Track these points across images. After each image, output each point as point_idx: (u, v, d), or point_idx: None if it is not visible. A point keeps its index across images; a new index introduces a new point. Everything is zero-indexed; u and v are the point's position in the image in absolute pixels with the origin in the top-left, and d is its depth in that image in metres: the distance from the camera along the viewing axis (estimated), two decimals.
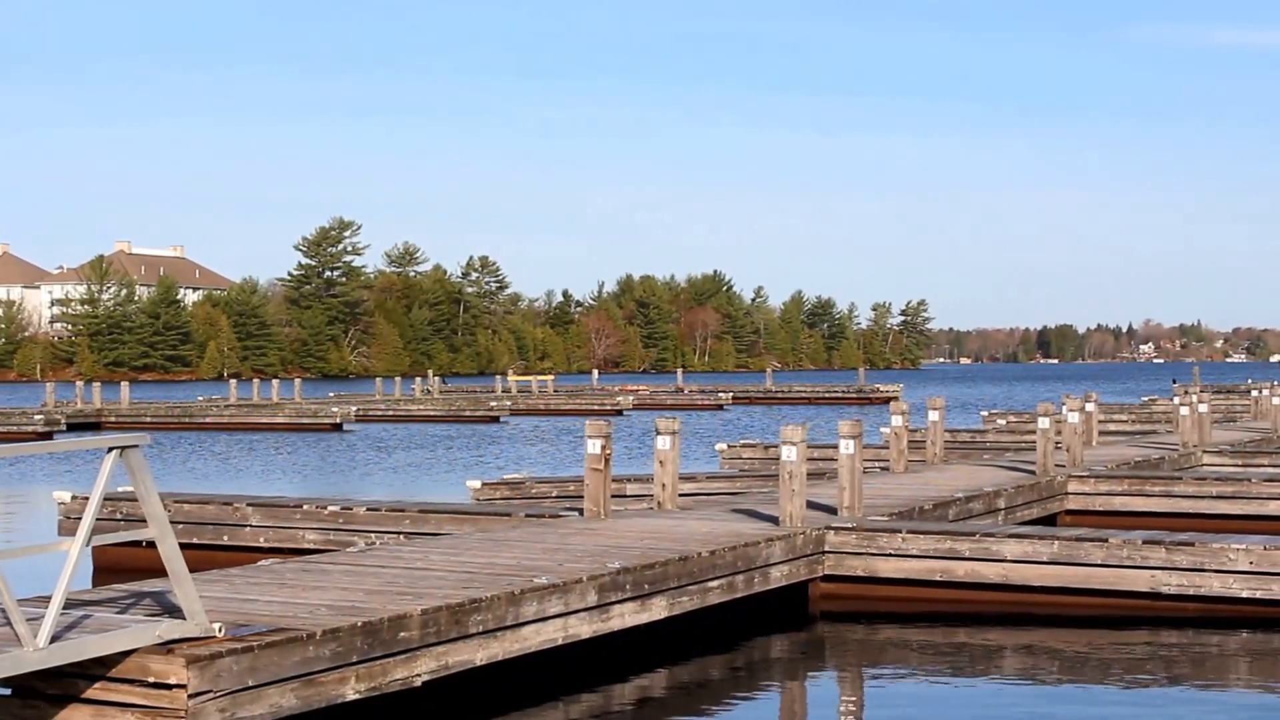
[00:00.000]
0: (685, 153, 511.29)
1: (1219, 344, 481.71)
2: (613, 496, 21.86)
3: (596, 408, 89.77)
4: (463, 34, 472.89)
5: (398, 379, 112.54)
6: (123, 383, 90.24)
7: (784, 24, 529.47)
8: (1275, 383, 50.70)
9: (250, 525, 23.03)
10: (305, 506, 22.97)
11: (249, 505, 23.35)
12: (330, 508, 22.81)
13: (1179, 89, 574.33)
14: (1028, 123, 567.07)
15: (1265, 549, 18.58)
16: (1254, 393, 53.28)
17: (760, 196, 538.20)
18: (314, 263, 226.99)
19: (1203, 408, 36.46)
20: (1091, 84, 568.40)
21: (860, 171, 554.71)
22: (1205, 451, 34.95)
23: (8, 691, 11.21)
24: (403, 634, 12.90)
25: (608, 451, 20.70)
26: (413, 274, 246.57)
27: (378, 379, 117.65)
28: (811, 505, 21.17)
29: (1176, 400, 37.53)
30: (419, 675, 13.12)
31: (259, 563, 16.63)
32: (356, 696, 12.49)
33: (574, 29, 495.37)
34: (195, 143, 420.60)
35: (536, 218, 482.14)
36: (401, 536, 21.25)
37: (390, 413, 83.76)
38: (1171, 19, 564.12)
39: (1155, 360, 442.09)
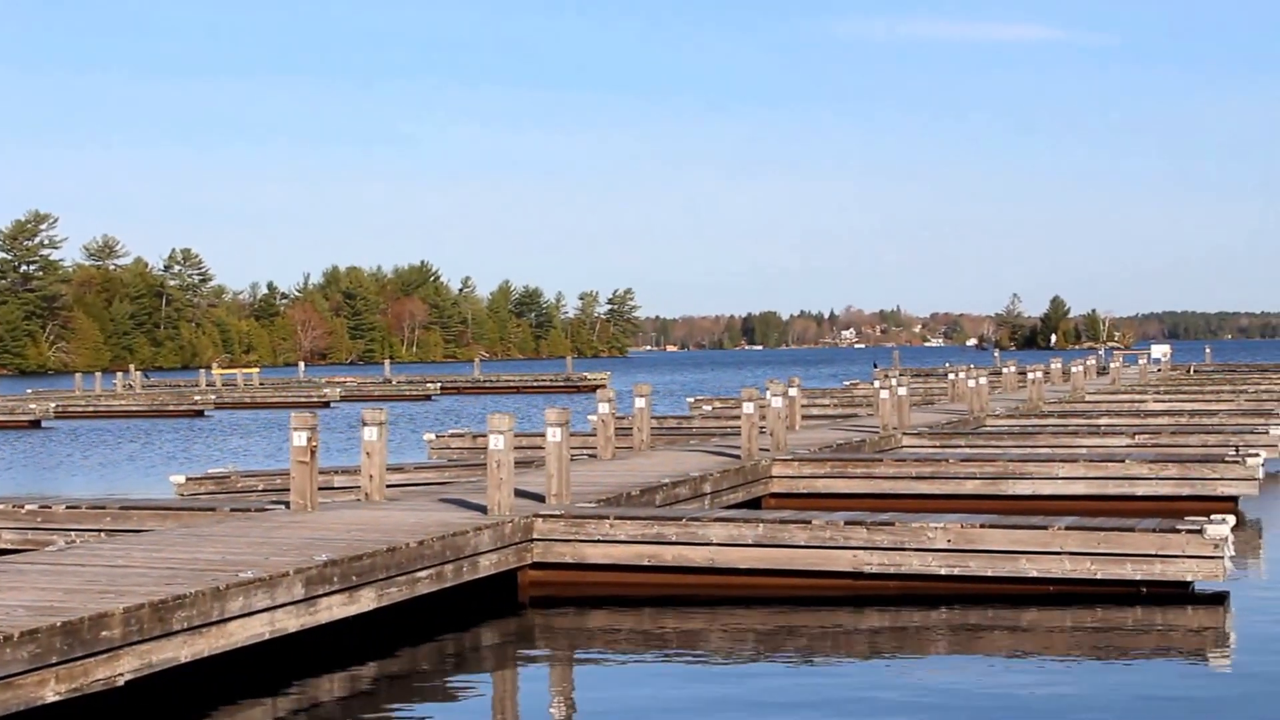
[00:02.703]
0: (390, 143, 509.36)
1: (918, 329, 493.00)
2: (320, 489, 21.66)
3: (303, 400, 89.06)
4: (158, 27, 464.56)
5: (98, 374, 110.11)
6: None
7: (486, 18, 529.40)
8: (972, 366, 51.86)
9: None
10: (1, 506, 22.39)
11: None
12: (28, 507, 22.28)
13: (869, 79, 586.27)
14: (728, 112, 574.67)
15: (962, 527, 19.07)
16: (951, 376, 54.39)
17: (466, 187, 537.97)
18: (9, 256, 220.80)
19: (902, 391, 37.20)
20: (785, 74, 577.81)
21: (563, 161, 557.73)
22: (905, 434, 35.67)
23: None
24: (104, 633, 12.65)
25: (313, 444, 20.51)
26: (113, 267, 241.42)
27: (78, 374, 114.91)
28: (520, 494, 21.20)
29: (877, 384, 38.20)
30: (121, 675, 12.88)
31: None
32: (57, 698, 12.22)
33: (278, 21, 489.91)
34: None
35: (239, 209, 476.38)
36: (103, 534, 20.81)
37: (91, 409, 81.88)
38: (866, 12, 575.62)
39: (857, 345, 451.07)
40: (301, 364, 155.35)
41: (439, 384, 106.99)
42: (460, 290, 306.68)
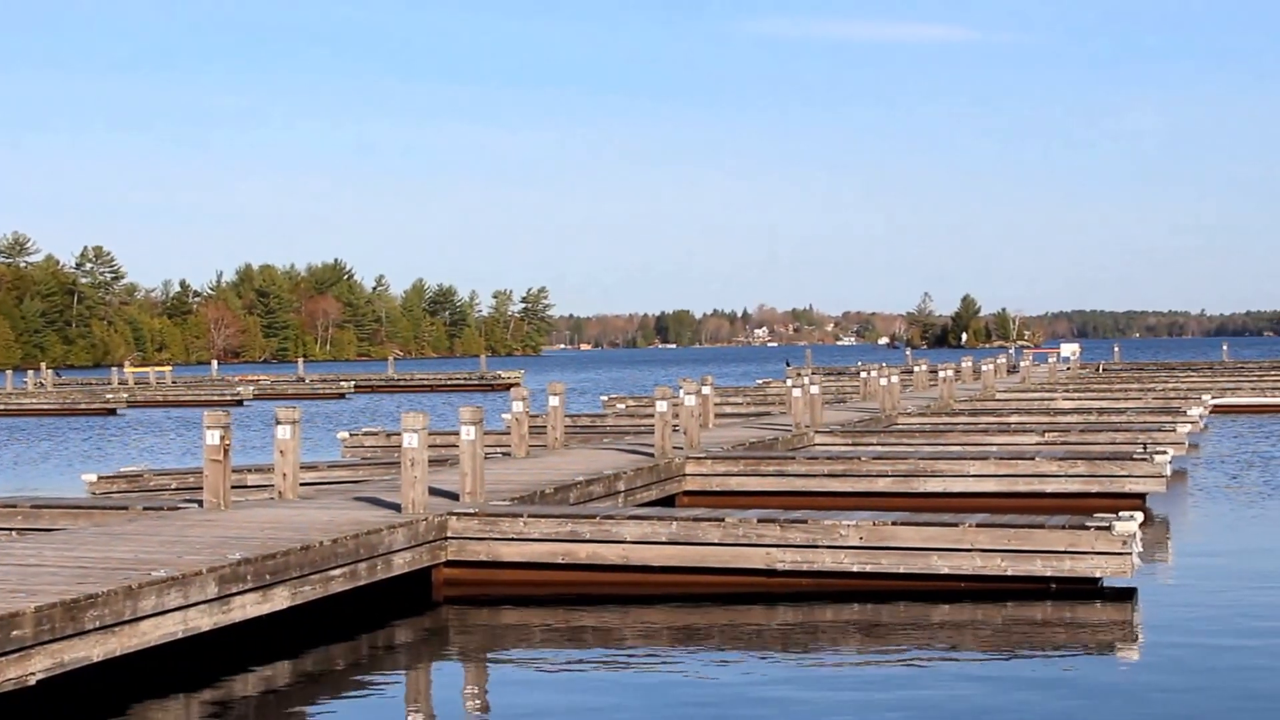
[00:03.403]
0: (301, 140, 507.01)
1: (830, 327, 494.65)
2: (233, 487, 21.65)
3: (217, 398, 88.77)
4: (65, 22, 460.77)
5: (9, 372, 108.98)
6: None
7: (395, 12, 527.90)
8: (883, 364, 52.22)
9: None
10: None
11: None
12: None
13: (783, 77, 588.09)
14: (643, 110, 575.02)
15: (874, 524, 19.23)
16: (863, 374, 54.70)
17: (379, 185, 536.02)
18: None
19: (814, 389, 37.35)
20: (701, 71, 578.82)
21: (478, 159, 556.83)
22: (817, 432, 35.86)
23: None
24: (15, 632, 12.59)
25: (227, 442, 20.46)
26: (24, 265, 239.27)
27: None
28: (434, 492, 21.23)
29: (789, 382, 38.38)
30: (33, 674, 12.82)
31: None
32: None
33: (190, 17, 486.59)
34: None
35: (152, 207, 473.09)
36: (14, 533, 20.72)
37: (1, 407, 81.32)
38: (780, 12, 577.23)
39: (769, 344, 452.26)
40: (214, 362, 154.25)
41: (353, 382, 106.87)
42: (374, 288, 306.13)
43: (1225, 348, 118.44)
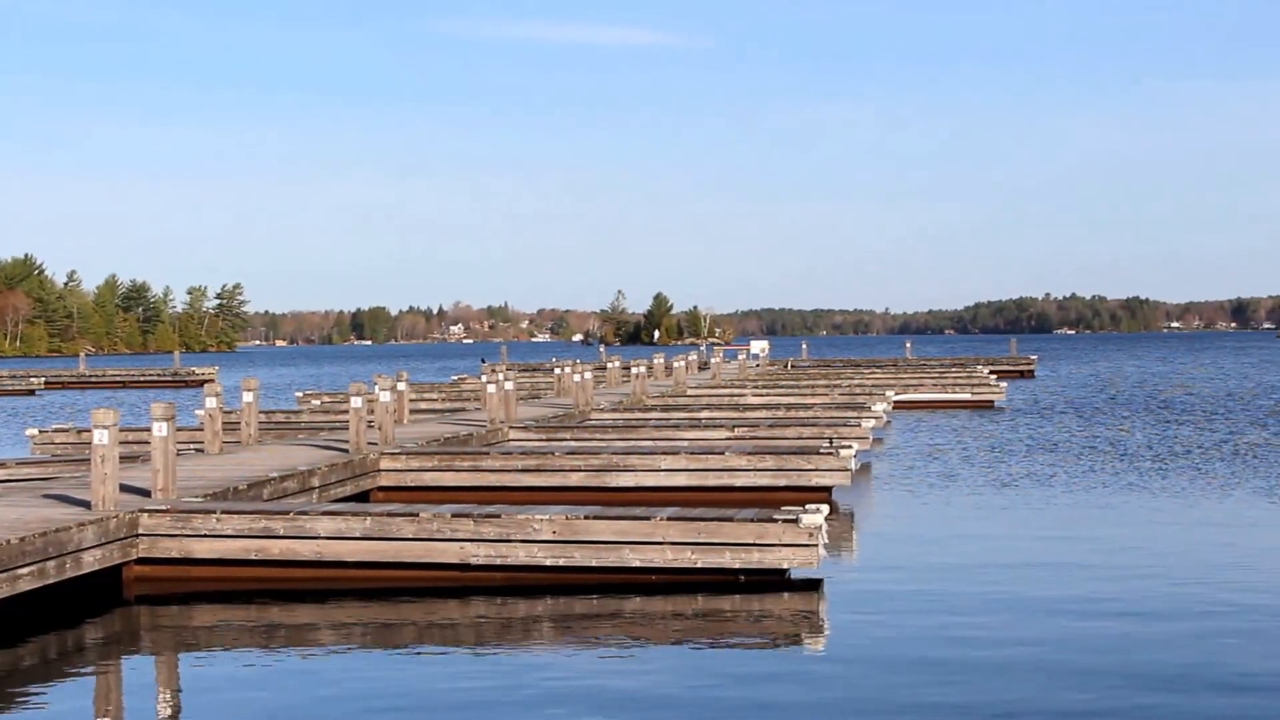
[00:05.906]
0: None
1: (525, 324, 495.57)
2: None
3: None
4: None
5: None
6: None
7: (87, 6, 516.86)
8: (577, 361, 52.69)
9: None
10: None
11: None
12: None
13: (475, 78, 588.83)
14: (336, 107, 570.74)
15: (567, 519, 19.50)
16: (557, 371, 55.13)
17: (71, 180, 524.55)
18: None
19: (509, 386, 37.60)
20: (393, 71, 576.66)
21: (171, 156, 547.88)
22: (512, 427, 36.10)
23: None
24: None
25: None
26: None
27: None
28: (126, 489, 21.01)
29: (484, 379, 38.58)
30: None
31: None
32: None
33: None
34: None
35: None
36: None
37: None
38: (472, 13, 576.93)
39: (465, 340, 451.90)
40: None
41: (44, 379, 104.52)
42: (66, 284, 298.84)
43: (908, 345, 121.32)
